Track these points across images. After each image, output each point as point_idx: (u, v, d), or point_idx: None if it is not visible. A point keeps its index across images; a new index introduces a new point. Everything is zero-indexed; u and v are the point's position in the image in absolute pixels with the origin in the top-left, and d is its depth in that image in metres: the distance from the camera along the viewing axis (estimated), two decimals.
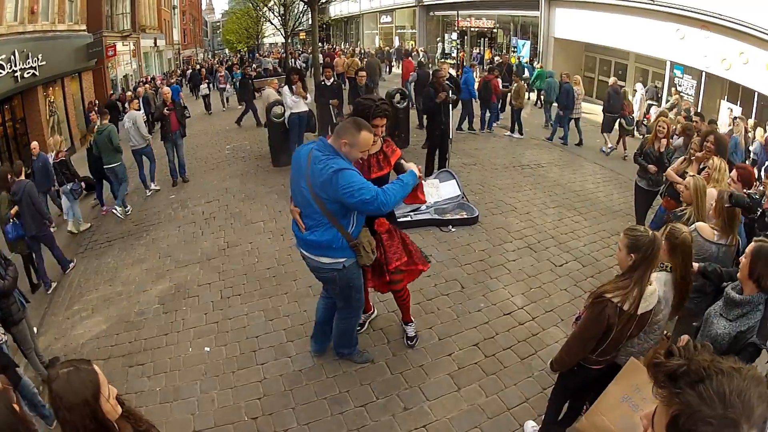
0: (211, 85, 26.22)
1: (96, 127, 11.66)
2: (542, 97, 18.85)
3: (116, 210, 11.59)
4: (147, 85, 27.12)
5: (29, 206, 8.46)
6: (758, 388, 1.38)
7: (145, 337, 6.73)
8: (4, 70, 16.11)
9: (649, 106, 18.74)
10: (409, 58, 23.68)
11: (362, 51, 37.95)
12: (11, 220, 8.43)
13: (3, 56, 16.09)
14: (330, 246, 4.62)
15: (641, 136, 14.85)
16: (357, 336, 5.82)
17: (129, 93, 20.55)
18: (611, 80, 16.66)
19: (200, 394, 5.54)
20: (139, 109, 13.17)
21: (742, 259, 3.67)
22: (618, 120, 15.09)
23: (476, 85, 16.35)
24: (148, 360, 6.25)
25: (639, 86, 19.93)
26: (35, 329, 6.81)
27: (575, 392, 4.20)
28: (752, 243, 3.67)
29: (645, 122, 18.28)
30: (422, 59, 25.51)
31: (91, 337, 6.99)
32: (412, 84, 16.74)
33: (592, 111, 18.93)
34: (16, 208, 8.46)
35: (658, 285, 3.75)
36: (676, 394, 1.46)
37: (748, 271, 3.56)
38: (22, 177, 8.83)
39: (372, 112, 4.63)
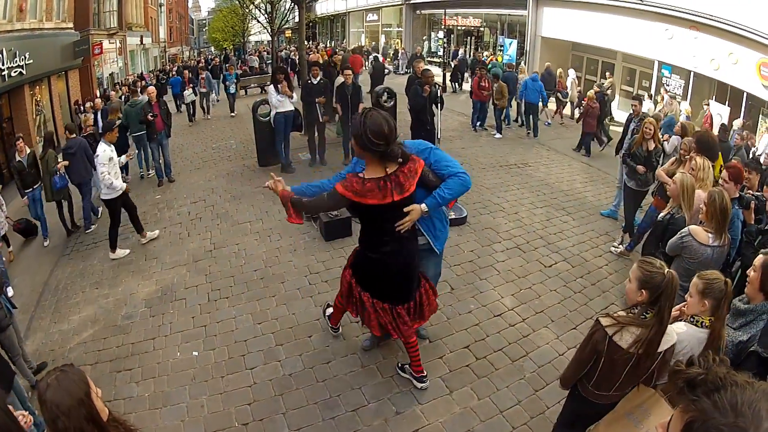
0: (196, 89, 22.11)
1: (129, 101, 13.88)
2: None
3: (150, 173, 13.78)
4: (113, 93, 22.54)
5: (82, 158, 10.65)
6: None
7: (132, 342, 6.67)
8: None
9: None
10: (359, 53, 27.04)
11: (345, 48, 37.87)
12: (58, 173, 10.34)
13: None
14: None
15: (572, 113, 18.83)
16: None
17: (97, 101, 18.84)
18: (546, 65, 20.47)
19: (189, 400, 5.49)
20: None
21: (751, 272, 3.63)
22: (555, 95, 19.10)
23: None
24: (136, 365, 6.19)
25: (571, 71, 21.01)
26: (22, 334, 6.74)
27: (577, 427, 4.15)
28: (761, 256, 3.63)
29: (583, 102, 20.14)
30: (378, 54, 28.91)
31: (79, 341, 6.92)
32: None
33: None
34: (64, 162, 10.50)
35: (693, 342, 3.57)
36: (693, 401, 1.52)
37: (760, 285, 3.53)
38: (74, 136, 11.14)
39: None
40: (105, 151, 8.83)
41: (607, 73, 21.44)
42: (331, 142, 13.65)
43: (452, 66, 26.31)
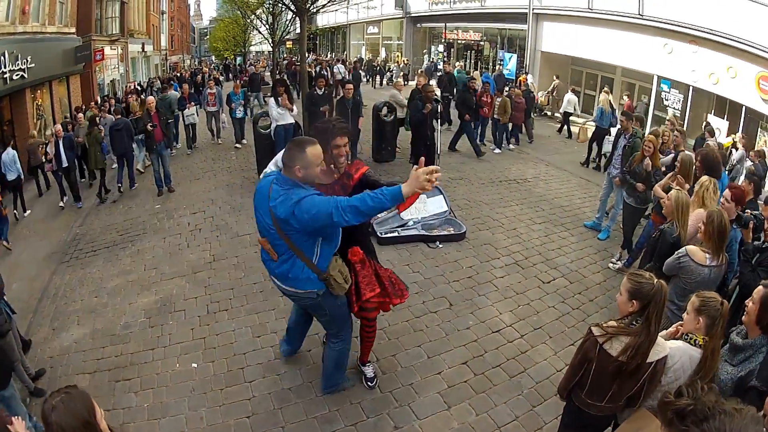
0: (198, 107, 18.09)
1: (160, 96, 17.04)
2: None
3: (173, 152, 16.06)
4: (78, 117, 17.16)
5: (126, 134, 13.10)
6: (755, 428, 1.50)
7: (131, 351, 6.67)
8: None
9: None
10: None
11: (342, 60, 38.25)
12: (103, 142, 13.77)
13: None
14: (298, 278, 4.58)
15: None
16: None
17: (57, 127, 14.48)
18: (498, 68, 25.35)
19: (188, 412, 5.49)
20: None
21: (749, 303, 3.65)
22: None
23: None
24: (135, 375, 6.19)
25: (529, 77, 23.52)
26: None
27: None
28: (761, 288, 3.65)
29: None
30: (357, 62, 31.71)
31: (77, 349, 6.93)
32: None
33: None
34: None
35: (685, 359, 3.60)
36: (683, 431, 1.58)
37: (757, 318, 3.55)
38: (119, 116, 14.60)
39: (331, 133, 4.60)
40: None
41: (555, 75, 23.14)
42: None
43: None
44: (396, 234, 9.22)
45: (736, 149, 14.35)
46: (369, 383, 5.69)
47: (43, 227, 12.09)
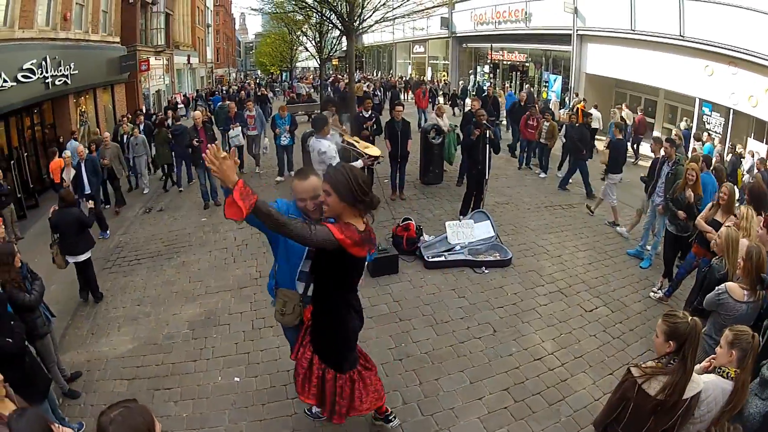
0: (244, 129, 15.81)
1: (219, 105, 21.70)
2: None
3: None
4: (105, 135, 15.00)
5: (184, 137, 14.21)
6: None
7: (173, 362, 6.76)
8: (34, 75, 16.16)
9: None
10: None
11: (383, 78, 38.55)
12: (172, 142, 15.24)
13: (33, 61, 16.16)
14: (270, 277, 5.02)
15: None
16: None
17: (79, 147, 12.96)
18: (526, 86, 26.70)
19: (228, 424, 5.55)
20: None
21: None
22: None
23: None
24: (176, 385, 6.27)
25: (552, 95, 26.42)
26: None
27: None
28: None
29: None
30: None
31: (116, 355, 7.04)
32: None
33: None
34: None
35: (718, 392, 3.65)
36: None
37: None
38: (179, 122, 17.12)
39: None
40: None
41: (575, 93, 23.84)
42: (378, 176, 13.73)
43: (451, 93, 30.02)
44: (443, 258, 9.27)
45: (743, 158, 14.40)
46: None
47: None
